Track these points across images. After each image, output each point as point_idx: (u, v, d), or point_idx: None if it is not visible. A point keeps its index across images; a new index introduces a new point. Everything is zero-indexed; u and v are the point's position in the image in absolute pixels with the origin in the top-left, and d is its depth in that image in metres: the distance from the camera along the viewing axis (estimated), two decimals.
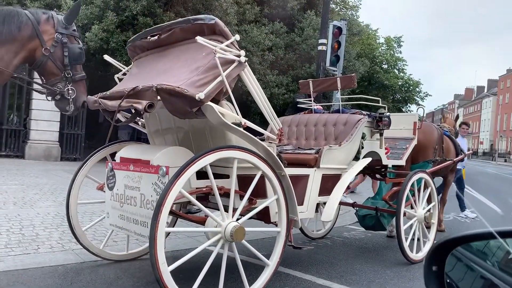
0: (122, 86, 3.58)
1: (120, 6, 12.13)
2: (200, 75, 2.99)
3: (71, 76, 3.05)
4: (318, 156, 4.02)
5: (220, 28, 3.19)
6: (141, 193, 3.17)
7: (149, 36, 3.63)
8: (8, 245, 4.18)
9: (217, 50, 2.94)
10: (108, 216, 3.63)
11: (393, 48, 29.83)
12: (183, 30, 3.38)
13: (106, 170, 3.59)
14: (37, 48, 2.89)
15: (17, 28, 2.78)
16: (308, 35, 15.61)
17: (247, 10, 14.52)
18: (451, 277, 1.22)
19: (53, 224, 5.12)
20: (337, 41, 8.05)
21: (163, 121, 3.83)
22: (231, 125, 3.03)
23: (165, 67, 3.41)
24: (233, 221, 3.06)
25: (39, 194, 6.91)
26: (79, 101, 3.15)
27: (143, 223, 3.13)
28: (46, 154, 12.83)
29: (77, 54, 3.08)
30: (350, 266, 4.47)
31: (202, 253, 2.99)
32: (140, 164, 3.23)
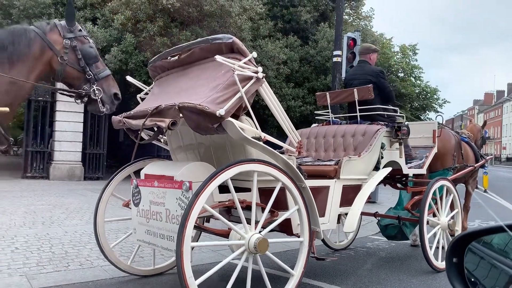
0: (145, 105, 3.71)
1: (137, 28, 12.46)
2: (220, 92, 3.09)
3: (93, 76, 3.03)
4: (338, 167, 4.06)
5: (238, 47, 3.30)
6: (166, 208, 3.25)
7: (169, 57, 3.77)
8: (40, 263, 4.31)
9: (236, 68, 3.03)
10: (135, 231, 3.73)
11: (409, 56, 29.66)
12: (202, 50, 3.50)
13: (131, 187, 3.69)
14: (52, 59, 2.92)
15: (27, 46, 2.82)
16: (322, 47, 15.71)
17: (261, 25, 14.74)
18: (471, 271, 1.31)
19: (81, 241, 5.25)
20: (352, 52, 8.12)
21: (184, 138, 3.93)
22: (251, 139, 3.11)
23: (186, 85, 3.52)
24: (256, 233, 3.12)
25: (65, 213, 7.09)
26: (109, 95, 3.10)
27: (169, 238, 3.22)
28: (70, 174, 13.13)
29: (91, 53, 3.06)
30: (375, 276, 4.46)
31: (227, 266, 3.05)
32: (164, 180, 3.31)
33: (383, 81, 5.06)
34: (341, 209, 4.05)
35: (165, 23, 12.31)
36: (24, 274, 3.97)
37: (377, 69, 5.32)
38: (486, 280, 1.33)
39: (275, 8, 16.31)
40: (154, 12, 12.19)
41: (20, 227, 5.88)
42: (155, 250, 3.95)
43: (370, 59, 5.33)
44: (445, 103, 30.05)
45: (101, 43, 12.45)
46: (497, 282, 1.28)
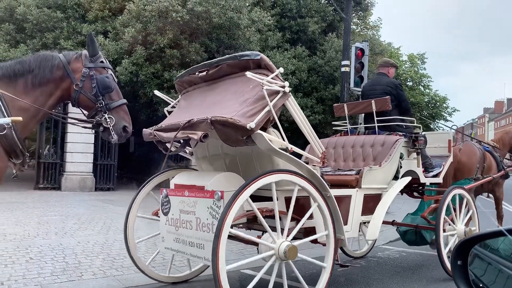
0: (175, 118, 3.87)
1: (148, 40, 12.66)
2: (249, 106, 3.24)
3: (104, 105, 3.10)
4: (359, 176, 4.18)
5: (266, 63, 3.43)
6: (197, 217, 3.37)
7: (197, 72, 3.92)
8: (54, 273, 4.38)
9: (264, 83, 3.18)
10: (163, 239, 3.83)
11: (417, 65, 29.63)
12: (230, 66, 3.63)
13: (160, 196, 3.83)
14: (70, 86, 3.06)
15: (50, 71, 2.99)
16: (330, 57, 15.79)
17: (269, 36, 14.87)
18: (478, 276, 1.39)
19: (94, 252, 5.31)
20: (360, 62, 8.16)
21: (210, 149, 4.03)
22: (279, 151, 3.27)
23: (214, 99, 3.68)
24: (286, 240, 3.24)
25: (77, 224, 7.18)
26: (118, 127, 3.17)
27: (199, 245, 3.33)
28: (81, 185, 13.26)
29: (106, 83, 3.13)
30: (386, 285, 4.45)
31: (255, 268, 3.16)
32: (195, 190, 3.46)
33: (401, 93, 5.22)
34: (362, 218, 4.15)
35: (175, 35, 12.49)
36: (39, 283, 4.04)
37: (396, 81, 5.49)
38: (493, 285, 1.38)
39: (283, 20, 16.46)
40: (164, 25, 12.38)
41: (34, 237, 5.97)
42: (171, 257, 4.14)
43: (389, 73, 5.47)
44: (455, 112, 29.87)
45: (112, 55, 12.66)
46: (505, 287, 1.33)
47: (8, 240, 5.70)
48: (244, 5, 13.14)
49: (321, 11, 17.17)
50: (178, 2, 12.17)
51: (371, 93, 5.31)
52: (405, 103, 5.24)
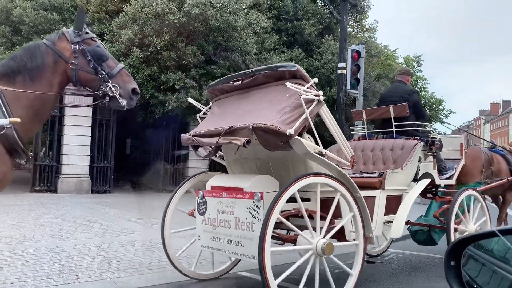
0: (211, 125, 4.07)
1: (144, 42, 12.67)
2: (287, 114, 3.46)
3: (105, 74, 3.00)
4: (383, 179, 4.41)
5: (301, 73, 3.63)
6: (235, 217, 3.58)
7: (231, 81, 4.14)
8: (50, 276, 4.36)
9: (301, 92, 3.40)
10: (199, 238, 4.05)
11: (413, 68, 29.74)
12: (265, 76, 3.85)
13: (196, 198, 4.04)
14: (65, 67, 2.96)
15: (41, 60, 2.91)
16: (327, 59, 15.83)
17: (266, 39, 14.91)
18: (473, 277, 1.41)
19: (90, 254, 5.30)
20: (356, 64, 8.18)
21: (242, 152, 4.14)
22: (315, 155, 3.49)
23: (250, 107, 3.89)
24: (322, 238, 3.48)
25: (74, 226, 7.16)
26: (127, 91, 3.06)
27: (238, 243, 3.55)
28: (78, 187, 13.23)
29: (99, 53, 3.03)
30: (383, 286, 4.46)
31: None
32: (233, 191, 3.67)
33: (418, 100, 5.53)
34: (385, 217, 4.37)
35: (171, 37, 12.51)
36: (34, 286, 4.02)
37: (414, 89, 5.78)
38: (487, 286, 1.40)
39: (279, 22, 16.50)
40: (160, 27, 12.40)
41: (30, 240, 5.95)
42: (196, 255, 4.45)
43: (407, 81, 5.76)
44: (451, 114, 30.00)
45: None
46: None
47: (4, 243, 5.68)
48: (241, 7, 13.16)
49: (317, 13, 17.23)
50: (174, 4, 12.19)
51: (390, 99, 5.53)
52: (421, 109, 5.52)
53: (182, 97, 12.25)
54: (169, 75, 12.57)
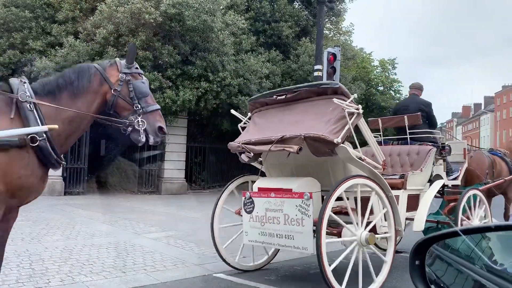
0: (257, 134, 4.57)
1: (119, 42, 12.49)
2: (333, 125, 3.97)
3: (140, 108, 3.20)
4: (404, 180, 4.95)
5: (342, 90, 4.15)
6: (285, 214, 4.07)
7: (275, 96, 4.63)
8: (19, 280, 4.25)
9: (345, 106, 3.91)
10: (246, 234, 4.50)
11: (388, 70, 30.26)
12: (308, 91, 4.36)
13: (242, 198, 4.48)
14: (108, 91, 3.17)
15: (88, 80, 3.13)
16: (304, 61, 15.97)
17: (243, 40, 14.92)
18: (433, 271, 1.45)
19: (62, 257, 5.18)
20: (332, 67, 8.26)
21: (281, 157, 4.49)
22: (357, 159, 4.02)
23: (295, 118, 4.36)
24: (365, 230, 4.02)
25: (46, 229, 6.99)
26: (154, 128, 3.25)
27: (289, 236, 4.06)
28: (50, 189, 12.90)
29: (142, 88, 3.27)
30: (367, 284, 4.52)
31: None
32: (281, 192, 4.16)
33: (431, 111, 6.19)
34: (407, 214, 4.91)
35: (147, 37, 12.38)
36: None
37: (428, 101, 6.34)
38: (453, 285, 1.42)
39: (257, 23, 16.55)
40: (136, 26, 12.26)
41: None
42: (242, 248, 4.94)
43: (420, 94, 6.51)
44: None
45: (83, 57, 12.43)
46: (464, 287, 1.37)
47: None
48: (218, 8, 13.14)
49: (294, 15, 17.36)
50: (151, 4, 12.07)
51: (406, 109, 6.16)
52: (433, 119, 6.22)
53: (158, 97, 12.13)
54: (145, 75, 12.41)
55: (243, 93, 13.91)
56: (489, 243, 1.45)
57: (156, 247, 6.00)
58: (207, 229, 7.77)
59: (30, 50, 13.13)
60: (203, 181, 16.22)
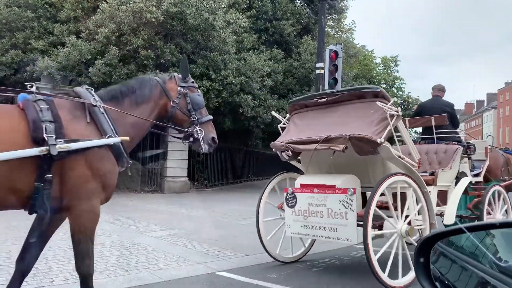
0: (300, 134, 4.85)
1: (121, 41, 12.50)
2: (375, 126, 4.28)
3: (197, 119, 3.49)
4: (435, 177, 5.24)
5: (383, 94, 4.49)
6: (328, 208, 4.43)
7: (316, 98, 4.97)
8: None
9: (386, 109, 4.24)
10: (289, 227, 4.84)
11: (390, 68, 30.21)
12: (349, 95, 4.69)
13: (284, 194, 4.85)
14: (167, 103, 3.43)
15: (150, 91, 3.39)
16: (305, 59, 15.95)
17: (245, 38, 14.91)
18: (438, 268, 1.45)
19: (65, 256, 5.19)
20: (334, 64, 8.23)
21: (320, 155, 4.83)
22: (397, 158, 4.37)
23: (337, 120, 4.66)
24: (405, 223, 4.35)
25: None
26: (208, 138, 3.54)
27: (332, 229, 4.43)
28: None
29: (198, 101, 3.56)
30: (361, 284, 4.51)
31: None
32: (324, 188, 4.51)
33: (454, 112, 6.60)
34: (437, 208, 5.10)
35: (149, 36, 12.37)
36: None
37: (451, 103, 6.70)
38: (457, 282, 1.41)
39: (258, 21, 16.53)
40: (138, 25, 12.26)
41: (3, 243, 5.79)
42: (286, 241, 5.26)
43: (443, 95, 6.78)
44: None
45: (84, 56, 12.45)
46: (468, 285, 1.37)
47: None
48: (220, 6, 13.13)
49: (296, 13, 17.33)
50: (152, 2, 12.06)
51: (430, 111, 6.42)
52: (456, 119, 6.61)
53: None
54: (146, 74, 12.43)
55: (245, 92, 13.91)
56: (493, 240, 1.44)
57: (159, 246, 6.01)
58: (209, 228, 7.81)
59: (32, 50, 13.15)
60: (205, 180, 16.23)
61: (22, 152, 2.63)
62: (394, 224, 4.30)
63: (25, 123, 2.72)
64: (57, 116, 2.81)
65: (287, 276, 4.80)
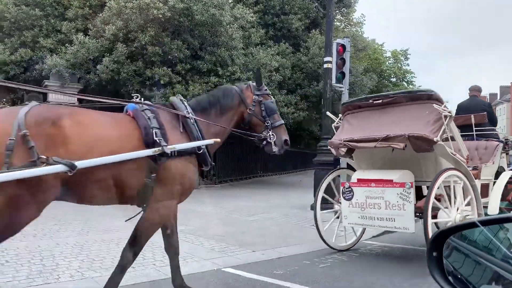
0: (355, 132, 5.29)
1: (129, 38, 12.51)
2: (431, 126, 4.70)
3: (270, 124, 3.80)
4: (478, 171, 5.67)
5: (437, 96, 4.89)
6: (386, 200, 4.89)
7: (371, 100, 5.38)
8: (30, 276, 4.28)
9: (441, 111, 4.71)
10: (346, 217, 5.33)
11: (400, 61, 29.88)
12: (404, 97, 5.11)
13: (341, 187, 5.39)
14: (244, 110, 3.77)
15: (231, 100, 3.74)
16: (314, 53, 15.79)
17: (252, 33, 14.81)
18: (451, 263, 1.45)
19: (72, 253, 5.22)
20: (342, 58, 8.10)
21: (373, 152, 5.36)
22: (451, 155, 4.87)
23: (393, 120, 5.06)
24: (459, 213, 4.82)
25: (58, 225, 7.05)
26: (281, 141, 3.85)
27: (390, 219, 4.89)
28: None
29: (272, 107, 3.88)
30: (366, 280, 4.46)
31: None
32: (382, 182, 4.95)
33: (492, 110, 7.09)
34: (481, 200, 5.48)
35: (156, 33, 12.36)
36: (13, 287, 3.94)
37: (488, 102, 7.32)
38: (471, 277, 1.40)
39: (266, 16, 16.42)
40: (145, 22, 12.24)
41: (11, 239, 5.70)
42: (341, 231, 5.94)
43: (480, 95, 7.22)
44: None
45: (92, 53, 12.49)
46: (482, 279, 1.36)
47: None
48: (227, 2, 13.06)
49: (304, 7, 17.17)
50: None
51: (468, 110, 6.82)
52: (494, 117, 7.11)
53: (168, 92, 12.14)
54: (154, 71, 12.44)
55: None
56: (507, 234, 1.44)
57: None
58: (217, 224, 7.79)
59: (41, 48, 13.23)
60: (214, 176, 16.22)
61: (142, 152, 3.05)
62: (448, 213, 4.74)
63: (138, 130, 3.15)
64: (161, 124, 3.23)
65: (294, 272, 4.76)
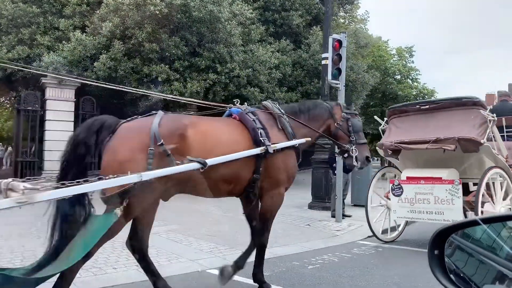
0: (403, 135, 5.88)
1: (126, 35, 12.38)
2: (477, 129, 5.30)
3: (355, 140, 4.21)
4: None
5: (481, 103, 5.56)
6: (435, 196, 5.46)
7: (418, 105, 6.00)
8: None
9: (486, 115, 5.33)
10: (395, 212, 5.92)
11: (405, 59, 29.55)
12: (450, 103, 5.68)
13: (390, 185, 6.00)
14: (331, 124, 4.23)
15: (321, 111, 4.22)
16: (315, 50, 15.57)
17: (252, 30, 14.62)
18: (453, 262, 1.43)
19: None
20: (338, 54, 7.86)
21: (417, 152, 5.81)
22: (495, 155, 5.47)
23: (441, 124, 5.58)
24: (502, 206, 5.39)
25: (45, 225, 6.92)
26: (363, 156, 4.24)
27: (438, 213, 5.45)
28: None
29: (358, 126, 4.33)
30: (355, 283, 4.29)
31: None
32: (431, 179, 5.52)
33: None
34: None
35: (153, 29, 12.22)
36: None
37: None
38: (474, 276, 1.38)
39: (266, 13, 16.22)
40: (142, 18, 12.10)
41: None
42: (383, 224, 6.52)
43: (510, 99, 7.64)
44: None
45: (89, 50, 12.38)
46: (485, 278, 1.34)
47: None
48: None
49: (305, 4, 16.96)
50: None
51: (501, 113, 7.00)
52: None
53: (166, 89, 12.01)
54: (152, 68, 12.31)
55: (252, 84, 13.66)
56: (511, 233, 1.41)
57: (154, 242, 5.83)
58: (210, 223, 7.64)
59: (38, 45, 13.14)
60: None
61: (253, 151, 3.48)
62: (493, 206, 5.19)
63: (246, 131, 3.64)
64: (264, 124, 3.70)
65: (280, 274, 4.60)
